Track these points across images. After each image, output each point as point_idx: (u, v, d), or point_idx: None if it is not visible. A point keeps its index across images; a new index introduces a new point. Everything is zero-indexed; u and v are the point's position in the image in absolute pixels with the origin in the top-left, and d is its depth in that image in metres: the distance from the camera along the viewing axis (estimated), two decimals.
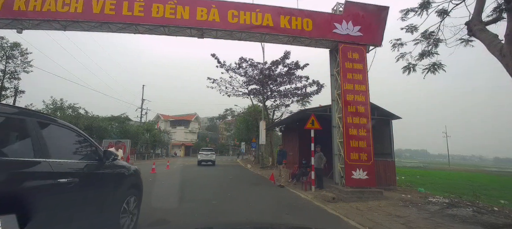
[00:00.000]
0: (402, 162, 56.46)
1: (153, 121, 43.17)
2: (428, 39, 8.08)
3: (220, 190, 8.81)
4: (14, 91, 17.34)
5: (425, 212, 6.07)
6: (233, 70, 20.00)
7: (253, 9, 8.10)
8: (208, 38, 8.52)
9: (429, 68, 7.81)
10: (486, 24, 6.10)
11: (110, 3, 7.47)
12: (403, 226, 4.96)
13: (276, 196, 8.14)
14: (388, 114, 10.50)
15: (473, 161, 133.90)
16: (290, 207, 6.60)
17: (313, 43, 8.79)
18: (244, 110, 29.40)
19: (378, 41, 8.64)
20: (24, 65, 17.07)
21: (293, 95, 20.75)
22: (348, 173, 7.74)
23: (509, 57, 5.02)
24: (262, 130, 16.73)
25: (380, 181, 9.31)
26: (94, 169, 3.05)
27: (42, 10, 7.24)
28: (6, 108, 2.35)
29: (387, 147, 10.50)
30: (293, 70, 19.16)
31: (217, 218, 5.39)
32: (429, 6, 7.66)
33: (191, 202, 6.66)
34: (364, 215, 5.68)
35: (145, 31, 8.18)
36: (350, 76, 8.30)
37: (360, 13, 8.60)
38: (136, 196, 3.86)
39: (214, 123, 66.95)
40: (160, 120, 55.22)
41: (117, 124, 26.87)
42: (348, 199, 7.23)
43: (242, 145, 37.55)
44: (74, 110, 22.75)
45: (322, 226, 5.04)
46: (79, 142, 3.01)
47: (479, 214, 5.85)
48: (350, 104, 8.12)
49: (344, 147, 7.90)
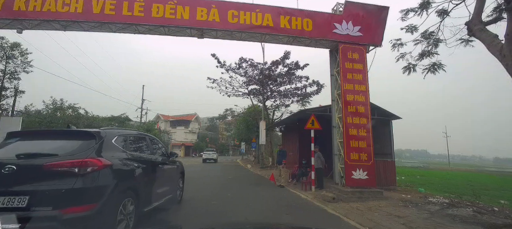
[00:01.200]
0: (402, 162, 56.40)
1: (153, 121, 43.14)
2: (428, 39, 8.07)
3: (220, 190, 8.81)
4: (14, 91, 17.32)
5: (425, 212, 6.07)
6: (233, 70, 19.99)
7: (253, 9, 8.10)
8: (208, 38, 8.52)
9: (429, 68, 7.80)
10: (486, 24, 6.09)
11: (110, 3, 7.47)
12: (403, 226, 4.96)
13: (276, 196, 8.14)
14: (388, 114, 10.50)
15: (473, 161, 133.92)
16: (290, 207, 6.60)
17: (313, 43, 8.79)
18: (244, 111, 29.39)
19: (378, 41, 8.64)
20: (24, 65, 17.05)
21: (293, 95, 20.73)
22: (348, 173, 7.74)
23: (509, 57, 5.02)
24: (262, 130, 16.72)
25: (380, 181, 9.32)
26: (166, 161, 5.50)
27: (42, 10, 7.25)
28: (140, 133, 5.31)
29: (387, 147, 10.50)
30: (293, 70, 19.15)
31: (217, 218, 5.39)
32: (429, 6, 7.66)
33: (191, 202, 6.66)
34: (364, 215, 5.68)
35: (145, 31, 8.18)
36: (350, 76, 8.30)
37: (360, 13, 8.60)
38: (182, 178, 6.75)
39: (214, 123, 66.88)
40: (160, 120, 55.23)
41: (117, 124, 26.85)
42: (348, 199, 7.23)
43: (242, 145, 37.55)
44: (74, 110, 22.74)
45: (322, 226, 5.04)
46: (160, 147, 5.67)
47: (479, 214, 5.85)
48: (350, 105, 8.12)
49: (344, 147, 7.90)
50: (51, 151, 3.18)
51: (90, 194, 3.01)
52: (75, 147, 3.29)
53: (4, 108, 17.59)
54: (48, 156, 3.10)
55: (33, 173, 3.00)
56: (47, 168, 2.96)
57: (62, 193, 2.85)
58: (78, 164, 3.04)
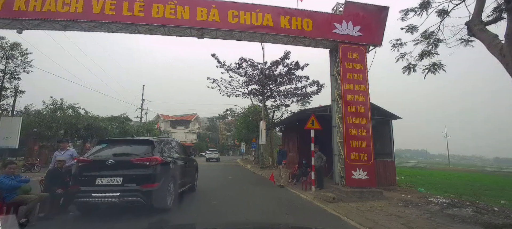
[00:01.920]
0: (402, 162, 56.47)
1: (153, 121, 43.09)
2: (428, 39, 8.07)
3: (220, 190, 8.81)
4: (14, 91, 17.31)
5: (425, 212, 6.06)
6: (233, 70, 20.00)
7: (253, 9, 8.09)
8: (208, 38, 8.52)
9: (429, 69, 7.80)
10: (486, 24, 6.08)
11: (110, 3, 7.47)
12: (403, 226, 4.96)
13: (276, 196, 8.14)
14: (388, 114, 10.50)
15: (473, 161, 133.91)
16: (290, 207, 6.60)
17: (313, 43, 8.79)
18: (244, 111, 29.38)
19: (378, 41, 8.64)
20: (24, 65, 17.03)
21: (293, 95, 20.74)
22: (348, 173, 7.73)
23: (509, 57, 5.01)
24: (262, 130, 16.72)
25: (380, 181, 9.31)
26: (187, 158, 7.58)
27: (42, 10, 7.24)
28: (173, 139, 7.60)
29: (387, 147, 10.50)
30: (293, 70, 19.16)
31: (217, 218, 5.39)
32: (429, 6, 7.66)
33: (191, 202, 6.66)
34: (364, 215, 5.68)
35: (145, 31, 8.17)
36: (350, 76, 8.29)
37: (360, 13, 8.59)
38: (197, 172, 8.80)
39: (214, 123, 66.89)
40: (160, 120, 55.24)
41: (117, 124, 26.80)
42: (348, 199, 7.23)
43: (242, 145, 37.53)
44: (74, 110, 22.68)
45: (322, 226, 5.04)
46: (184, 148, 7.84)
47: (479, 214, 5.85)
48: (350, 105, 8.11)
49: (344, 147, 7.89)
50: (132, 152, 5.40)
51: (155, 177, 5.01)
52: (143, 149, 5.39)
53: (4, 108, 17.59)
54: (131, 155, 5.25)
55: (124, 164, 5.05)
56: (132, 161, 5.07)
57: (140, 176, 4.94)
58: (147, 160, 5.08)
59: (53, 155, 6.41)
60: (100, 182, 4.83)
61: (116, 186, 4.79)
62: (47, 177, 5.61)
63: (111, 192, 4.77)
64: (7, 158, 14.41)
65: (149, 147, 5.40)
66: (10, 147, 13.95)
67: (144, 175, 4.92)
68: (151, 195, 4.84)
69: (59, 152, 6.27)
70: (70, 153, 6.35)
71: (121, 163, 5.03)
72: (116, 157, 5.11)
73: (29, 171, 13.66)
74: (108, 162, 4.94)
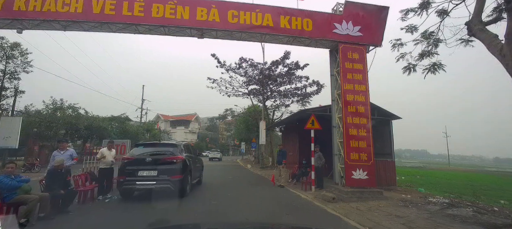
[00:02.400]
0: (402, 162, 56.47)
1: (153, 121, 43.12)
2: (428, 39, 8.05)
3: (220, 190, 8.81)
4: (14, 91, 17.30)
5: (425, 212, 6.07)
6: (233, 70, 19.99)
7: (253, 9, 8.09)
8: (208, 38, 8.52)
9: (429, 69, 7.79)
10: (486, 24, 6.08)
11: (110, 3, 7.47)
12: (403, 226, 4.96)
13: (276, 196, 8.14)
14: (388, 114, 10.50)
15: (473, 161, 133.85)
16: (290, 207, 6.60)
17: (313, 43, 8.79)
18: (244, 111, 29.38)
19: (378, 41, 8.64)
20: (24, 65, 17.02)
21: (293, 95, 20.73)
22: (348, 173, 7.73)
23: (509, 57, 5.01)
24: (262, 130, 16.72)
25: (380, 181, 9.30)
26: (196, 157, 9.52)
27: (42, 10, 7.24)
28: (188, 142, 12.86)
29: (387, 147, 10.49)
30: (293, 70, 19.15)
31: (217, 218, 5.39)
32: (429, 6, 7.65)
33: (191, 202, 6.66)
34: (364, 215, 5.68)
35: (145, 31, 8.18)
36: (350, 76, 8.29)
37: (360, 13, 8.59)
38: (202, 169, 10.21)
39: (214, 123, 66.87)
40: (160, 120, 55.23)
41: (117, 124, 26.81)
42: (348, 199, 7.22)
43: (242, 145, 37.53)
44: (74, 110, 22.70)
45: (322, 226, 5.04)
46: (194, 150, 10.29)
47: (479, 214, 5.85)
48: (350, 104, 8.11)
49: (344, 147, 7.89)
50: (163, 152, 7.36)
51: (180, 171, 6.83)
52: (170, 150, 7.36)
53: (4, 108, 17.57)
54: (162, 154, 7.20)
55: (158, 161, 6.85)
56: (164, 159, 6.96)
57: (170, 169, 6.74)
58: (175, 158, 7.01)
59: (52, 154, 6.40)
60: (141, 174, 6.56)
61: (153, 177, 6.54)
62: (47, 177, 5.61)
63: (149, 180, 6.50)
64: (7, 158, 14.40)
65: (175, 148, 7.39)
66: (10, 147, 13.95)
67: (173, 169, 6.72)
68: (177, 184, 6.60)
69: (59, 152, 6.27)
70: (70, 153, 6.36)
71: (155, 159, 6.86)
72: (152, 155, 7.06)
73: (29, 171, 13.66)
74: (147, 159, 6.81)
